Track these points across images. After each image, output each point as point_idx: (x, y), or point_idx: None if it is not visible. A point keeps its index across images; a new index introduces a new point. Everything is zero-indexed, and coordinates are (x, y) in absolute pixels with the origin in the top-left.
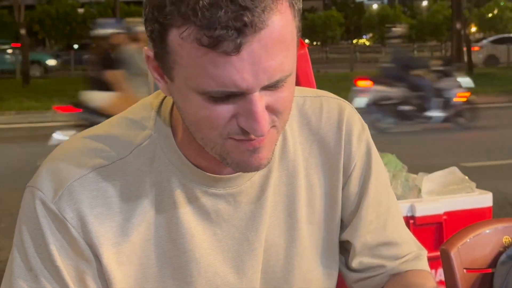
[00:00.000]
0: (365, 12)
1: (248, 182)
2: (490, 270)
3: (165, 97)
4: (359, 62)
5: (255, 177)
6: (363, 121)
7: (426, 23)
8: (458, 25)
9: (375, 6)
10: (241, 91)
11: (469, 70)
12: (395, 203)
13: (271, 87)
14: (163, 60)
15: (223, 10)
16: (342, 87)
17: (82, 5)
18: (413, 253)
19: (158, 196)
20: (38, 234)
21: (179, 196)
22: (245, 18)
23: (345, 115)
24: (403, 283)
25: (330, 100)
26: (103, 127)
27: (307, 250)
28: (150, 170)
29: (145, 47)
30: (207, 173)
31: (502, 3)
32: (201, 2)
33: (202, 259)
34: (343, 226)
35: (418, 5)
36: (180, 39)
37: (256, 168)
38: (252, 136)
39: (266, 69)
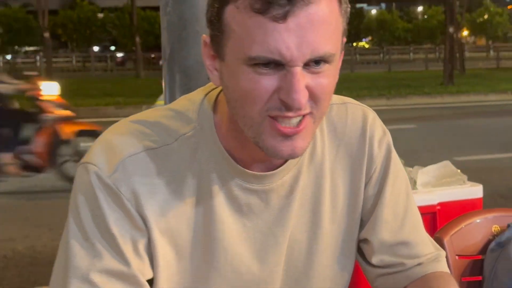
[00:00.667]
0: (365, 17)
1: (280, 181)
2: (480, 257)
3: (208, 93)
4: (358, 63)
5: (286, 177)
6: (385, 127)
7: (422, 27)
8: (451, 29)
9: (373, 12)
10: (284, 60)
11: (462, 71)
12: (414, 205)
13: (313, 67)
14: (217, 41)
15: None
16: (344, 87)
17: (101, 10)
18: (432, 254)
19: (197, 185)
20: (95, 206)
21: (216, 187)
22: None
23: (369, 121)
24: (429, 285)
25: (354, 106)
26: (149, 115)
27: (328, 248)
28: (192, 159)
29: (203, 35)
30: (245, 169)
31: (492, 9)
32: None
33: (229, 247)
34: (363, 224)
35: (414, 10)
36: (235, 10)
37: (289, 156)
38: (290, 113)
39: (309, 42)
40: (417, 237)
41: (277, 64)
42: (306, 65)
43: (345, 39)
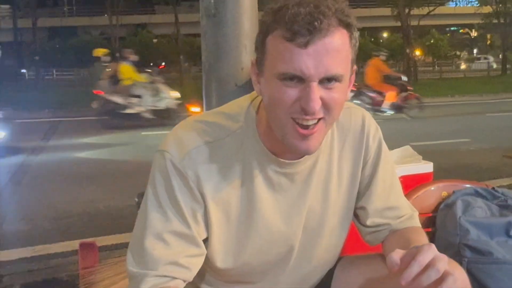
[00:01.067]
0: None
1: (302, 166)
2: (430, 214)
3: (253, 100)
4: None
5: (307, 164)
6: (377, 124)
7: (386, 48)
8: (407, 50)
9: None
10: (304, 77)
11: (415, 80)
12: (396, 180)
13: (326, 84)
14: (260, 62)
15: (301, 17)
16: None
17: (156, 37)
18: (408, 214)
19: (242, 169)
20: (168, 184)
21: (256, 171)
22: (316, 23)
23: (366, 121)
24: (403, 238)
25: (356, 110)
26: (208, 116)
27: (334, 214)
28: (239, 150)
29: (252, 58)
30: (277, 158)
31: (436, 36)
32: (289, 12)
33: (265, 214)
34: (359, 196)
35: (381, 36)
36: (272, 39)
37: (305, 152)
38: (307, 117)
39: (324, 65)
40: (398, 203)
41: (299, 79)
42: (321, 81)
43: (355, 67)
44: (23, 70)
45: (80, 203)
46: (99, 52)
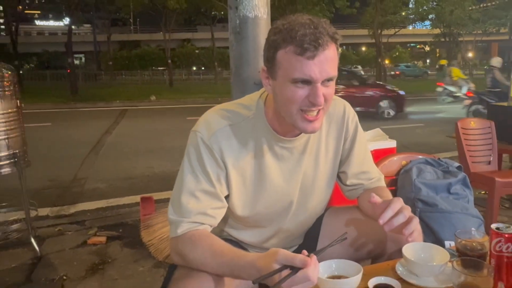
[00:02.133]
0: None
1: (299, 142)
2: (394, 177)
3: (261, 95)
4: None
5: (302, 140)
6: (354, 111)
7: (364, 59)
8: (379, 60)
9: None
10: (312, 80)
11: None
12: (368, 153)
13: (326, 83)
14: (271, 70)
15: (308, 37)
16: None
17: (197, 49)
18: (377, 177)
19: (254, 145)
20: (199, 155)
21: (265, 146)
22: (319, 41)
23: (346, 108)
24: (376, 193)
25: (339, 100)
26: (229, 106)
27: (323, 176)
28: (252, 131)
29: (262, 66)
30: (280, 136)
31: (400, 49)
32: (299, 33)
33: (272, 178)
34: (341, 164)
35: (360, 50)
36: (284, 53)
37: (311, 132)
38: (313, 108)
39: (325, 70)
40: (370, 169)
41: (307, 82)
42: (322, 82)
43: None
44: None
45: (141, 168)
46: (442, 62)
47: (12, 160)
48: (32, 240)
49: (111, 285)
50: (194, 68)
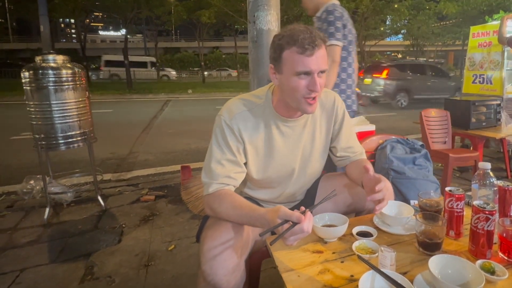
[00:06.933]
0: None
1: (298, 123)
2: (373, 152)
3: (270, 87)
4: None
5: (302, 121)
6: (342, 101)
7: None
8: (363, 64)
9: None
10: (311, 71)
11: None
12: (353, 133)
13: (320, 74)
14: (278, 67)
15: (307, 40)
16: None
17: (224, 54)
18: (360, 151)
19: (264, 125)
20: (223, 133)
21: (273, 126)
22: (316, 42)
23: (336, 98)
24: (358, 165)
25: (329, 92)
26: (246, 96)
27: (318, 149)
28: (262, 115)
29: (270, 64)
30: (284, 117)
31: (379, 56)
32: (300, 37)
33: (279, 149)
34: (332, 140)
35: None
36: (289, 53)
37: (310, 112)
38: (313, 95)
39: (320, 64)
40: (354, 144)
41: (307, 73)
42: (318, 73)
43: None
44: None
45: (181, 145)
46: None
47: (83, 137)
48: (99, 197)
49: (159, 232)
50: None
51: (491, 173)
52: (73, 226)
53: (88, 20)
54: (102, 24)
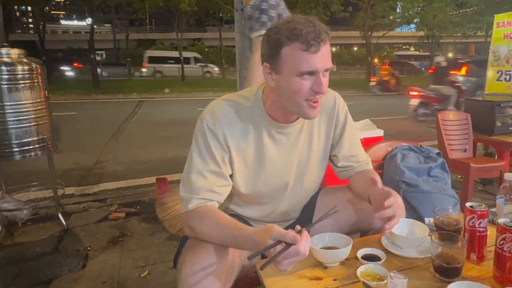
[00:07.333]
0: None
1: (294, 128)
2: (381, 162)
3: (259, 86)
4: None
5: (297, 126)
6: (344, 102)
7: (355, 57)
8: (369, 58)
9: (333, 49)
10: (318, 70)
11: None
12: (357, 138)
13: (324, 73)
14: (275, 66)
15: (311, 35)
16: None
17: (207, 47)
18: (365, 160)
19: (254, 130)
20: (205, 139)
21: (264, 132)
22: (321, 37)
23: (337, 99)
24: (364, 177)
25: (330, 91)
26: (232, 96)
27: (315, 158)
28: (251, 119)
29: (265, 63)
30: (277, 123)
31: (388, 49)
32: (303, 31)
33: (271, 159)
34: (332, 148)
35: (352, 50)
36: (289, 49)
37: (314, 117)
38: (318, 97)
39: (326, 61)
40: (358, 152)
41: (312, 74)
42: (322, 72)
43: None
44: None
45: (157, 153)
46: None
47: (41, 144)
48: (60, 215)
49: (130, 255)
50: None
51: None
52: (29, 249)
53: (47, 8)
54: (64, 12)
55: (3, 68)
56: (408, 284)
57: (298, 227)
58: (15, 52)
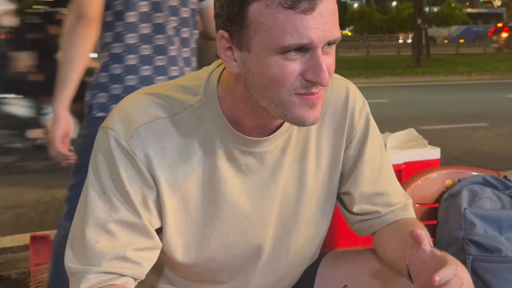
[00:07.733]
0: (348, 10)
1: (273, 144)
2: (436, 205)
3: (212, 71)
4: (342, 48)
5: (279, 141)
6: (364, 98)
7: (395, 19)
8: (419, 21)
9: (355, 5)
10: (313, 44)
11: (428, 56)
12: (387, 161)
13: (326, 48)
14: (239, 37)
15: None
16: None
17: None
18: (402, 203)
19: (203, 148)
20: (112, 165)
21: (219, 150)
22: None
23: (351, 94)
24: (401, 232)
25: (339, 81)
26: (161, 89)
27: (312, 198)
28: (198, 126)
29: (220, 30)
30: (243, 135)
31: (453, 5)
32: None
33: (231, 200)
34: (343, 180)
35: (389, 4)
36: (262, 7)
37: (313, 122)
38: (314, 90)
39: (329, 27)
40: (390, 188)
41: (302, 50)
42: (322, 48)
43: None
44: None
45: (34, 191)
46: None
47: None
48: None
49: None
50: None
51: None
52: None
53: None
54: None
55: None
56: None
57: None
58: None
